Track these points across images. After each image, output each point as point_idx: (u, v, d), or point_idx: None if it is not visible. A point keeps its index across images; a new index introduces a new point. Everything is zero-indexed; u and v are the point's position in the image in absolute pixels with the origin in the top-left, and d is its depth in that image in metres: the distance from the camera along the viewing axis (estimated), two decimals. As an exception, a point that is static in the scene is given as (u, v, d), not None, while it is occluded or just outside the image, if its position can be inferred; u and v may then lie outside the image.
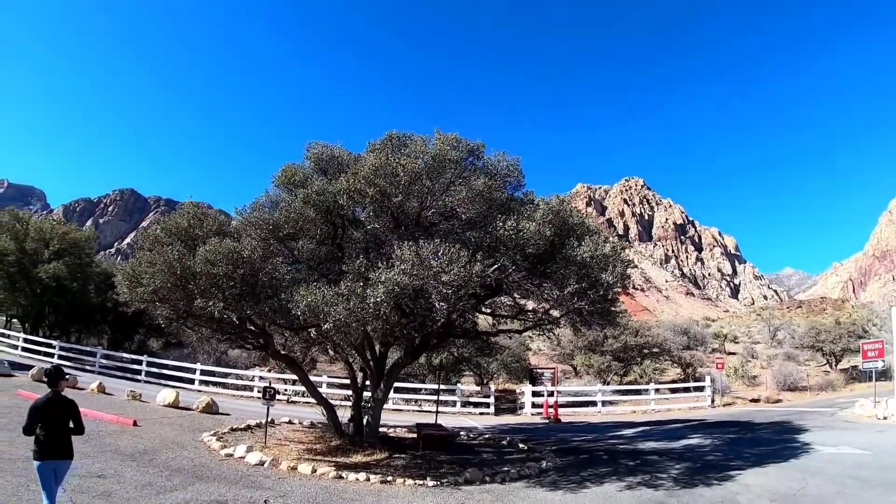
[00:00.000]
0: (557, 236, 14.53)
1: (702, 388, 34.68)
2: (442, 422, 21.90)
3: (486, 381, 38.47)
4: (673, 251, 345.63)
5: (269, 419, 19.63)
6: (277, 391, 19.32)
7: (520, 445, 19.64)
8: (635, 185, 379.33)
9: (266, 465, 14.35)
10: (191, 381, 32.38)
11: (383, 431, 19.27)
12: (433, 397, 30.71)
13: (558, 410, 29.49)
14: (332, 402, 24.11)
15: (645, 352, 41.89)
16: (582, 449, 19.71)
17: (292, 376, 30.59)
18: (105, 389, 24.85)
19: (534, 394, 32.08)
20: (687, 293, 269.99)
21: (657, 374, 40.07)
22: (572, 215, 15.79)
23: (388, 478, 13.70)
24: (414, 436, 20.30)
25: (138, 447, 15.24)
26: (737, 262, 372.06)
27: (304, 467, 14.17)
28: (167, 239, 14.82)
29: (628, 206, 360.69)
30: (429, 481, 13.64)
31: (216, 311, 13.59)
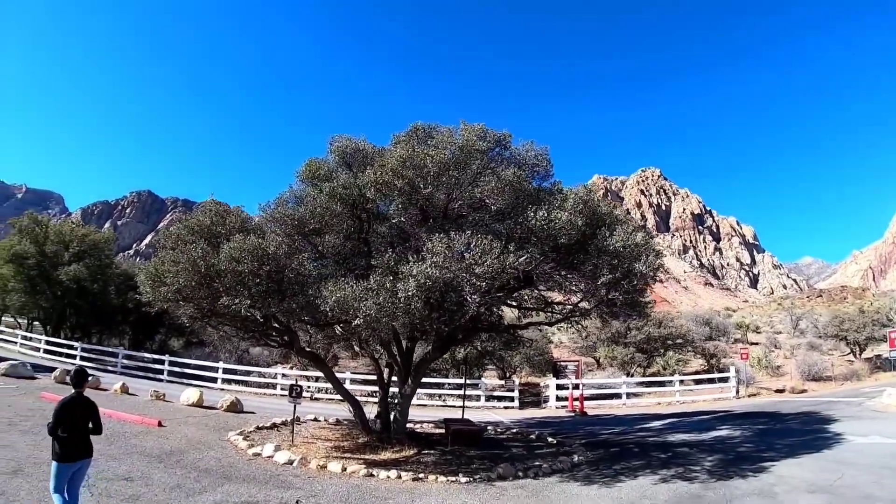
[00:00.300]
0: (588, 226, 14.20)
1: (726, 379, 34.10)
2: (467, 416, 21.69)
3: (510, 375, 38.13)
4: (691, 241, 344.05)
5: (298, 417, 19.51)
6: (304, 389, 19.07)
7: (549, 439, 19.35)
8: (652, 176, 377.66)
9: (295, 464, 14.14)
10: (213, 380, 32.24)
11: (410, 427, 19.00)
12: (457, 392, 30.54)
13: (584, 403, 29.14)
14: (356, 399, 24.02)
15: (669, 343, 41.43)
16: (612, 442, 19.44)
17: (315, 373, 30.51)
18: (128, 390, 24.77)
19: (558, 387, 31.76)
20: (706, 283, 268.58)
21: (680, 366, 39.53)
22: (600, 205, 15.49)
23: (419, 475, 13.50)
24: (441, 431, 20.12)
25: (164, 448, 15.06)
26: (755, 252, 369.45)
27: (333, 466, 13.98)
28: (190, 237, 14.62)
29: (645, 196, 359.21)
30: (461, 478, 13.45)
31: (242, 308, 13.40)
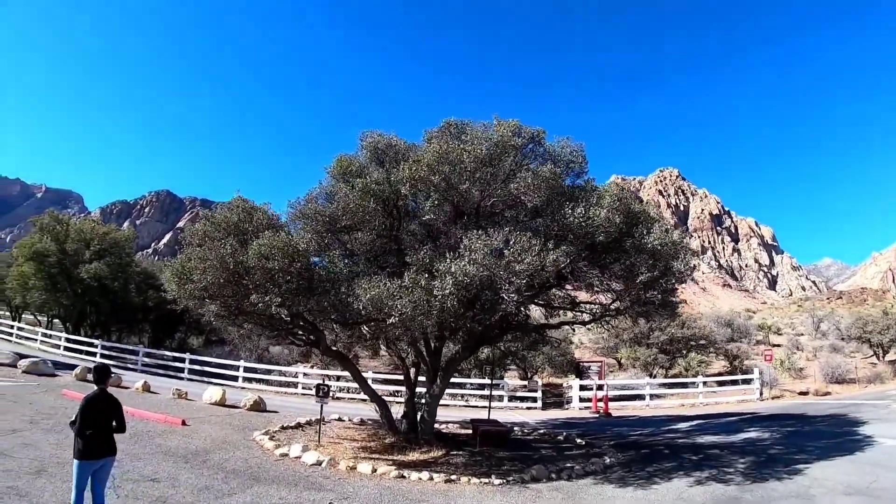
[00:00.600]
0: (625, 224, 13.91)
1: (749, 381, 33.75)
2: (491, 416, 21.43)
3: (531, 376, 37.86)
4: (709, 242, 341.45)
5: (321, 416, 19.31)
6: (330, 388, 18.84)
7: (577, 441, 19.08)
8: (670, 176, 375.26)
9: (324, 465, 13.89)
10: (233, 379, 32.14)
11: (436, 428, 18.76)
12: (479, 392, 30.35)
13: (608, 404, 28.82)
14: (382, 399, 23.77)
15: (692, 344, 41.05)
16: (641, 444, 19.16)
17: (336, 372, 30.35)
18: (150, 388, 24.68)
19: (581, 387, 31.44)
20: (724, 285, 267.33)
21: (702, 367, 39.19)
22: (634, 202, 15.20)
23: (451, 476, 13.25)
24: (467, 432, 19.91)
25: (190, 448, 14.87)
26: (774, 253, 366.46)
27: (363, 467, 13.74)
28: (217, 234, 14.40)
29: (663, 197, 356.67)
30: (494, 479, 13.18)
31: (273, 306, 13.17)
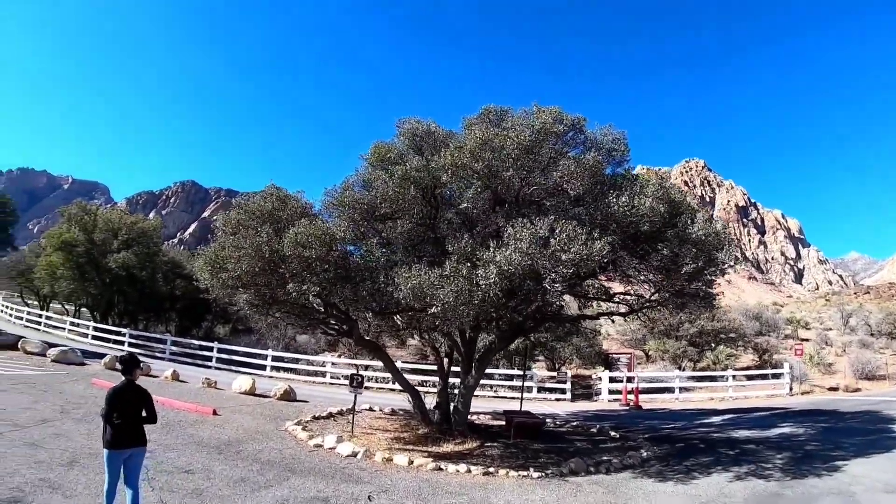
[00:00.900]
0: (669, 213, 13.59)
1: (778, 376, 33.23)
2: (518, 408, 21.29)
3: (559, 367, 37.57)
4: (735, 234, 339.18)
5: (352, 406, 19.19)
6: (364, 379, 18.68)
7: (611, 433, 18.83)
8: (696, 167, 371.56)
9: (359, 456, 13.72)
10: (261, 368, 32.16)
11: (468, 419, 18.58)
12: (507, 382, 30.20)
13: (639, 397, 28.52)
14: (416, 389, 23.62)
15: (721, 337, 40.58)
16: (675, 437, 18.86)
17: (365, 362, 30.25)
18: (179, 377, 24.73)
19: (611, 379, 31.19)
20: (749, 278, 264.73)
21: (731, 361, 38.76)
22: (675, 192, 14.88)
23: (488, 469, 13.05)
24: (499, 423, 19.74)
25: (222, 438, 14.76)
26: (800, 246, 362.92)
27: (399, 459, 13.55)
28: (251, 222, 14.20)
29: (689, 188, 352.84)
30: (532, 472, 12.97)
31: (310, 295, 13.01)
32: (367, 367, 29.98)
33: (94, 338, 38.93)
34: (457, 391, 17.90)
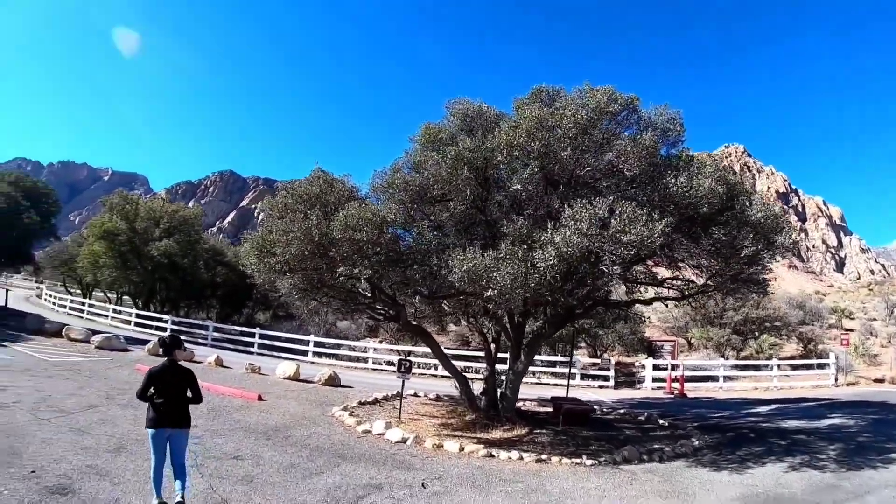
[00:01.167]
0: (727, 195, 13.21)
1: (824, 366, 32.62)
2: (562, 394, 21.05)
3: (601, 353, 37.26)
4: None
5: (397, 392, 19.06)
6: (412, 364, 18.55)
7: (660, 421, 18.54)
8: (735, 152, 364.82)
9: (409, 442, 13.58)
10: (303, 353, 32.25)
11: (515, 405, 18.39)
12: (551, 369, 30.05)
13: (683, 385, 28.13)
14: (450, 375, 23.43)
15: (766, 325, 39.92)
16: (724, 426, 18.48)
17: (407, 347, 30.24)
18: (223, 363, 24.86)
19: (654, 367, 30.78)
20: (789, 266, 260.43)
21: (774, 350, 38.11)
22: (730, 174, 14.50)
23: (541, 456, 12.83)
24: (545, 409, 19.51)
25: (269, 423, 14.72)
26: (842, 234, 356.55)
27: (450, 445, 13.38)
28: (298, 206, 14.05)
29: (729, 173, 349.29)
30: (585, 460, 12.74)
31: (361, 278, 12.86)
32: (409, 353, 29.92)
33: (137, 325, 39.60)
34: (503, 377, 17.72)
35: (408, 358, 17.49)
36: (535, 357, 20.14)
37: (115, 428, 12.49)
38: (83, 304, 46.73)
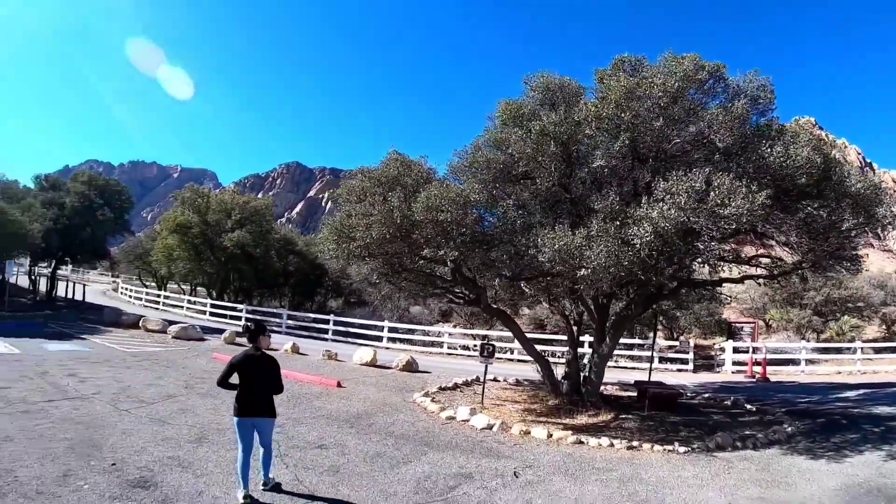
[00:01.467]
0: (823, 165, 12.47)
1: (909, 350, 31.14)
2: (640, 378, 20.82)
3: (677, 336, 36.45)
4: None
5: (476, 377, 18.85)
6: (495, 348, 18.26)
7: (747, 406, 17.81)
8: (806, 125, 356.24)
9: (495, 429, 13.31)
10: (377, 339, 32.17)
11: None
12: (627, 352, 29.47)
13: (766, 369, 27.26)
14: (526, 359, 23.07)
15: (848, 306, 38.47)
16: (814, 412, 17.67)
17: (482, 332, 30.09)
18: (299, 350, 24.99)
19: (734, 350, 29.84)
20: (865, 244, 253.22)
21: (856, 332, 36.61)
22: (822, 144, 13.78)
23: (632, 443, 12.41)
24: (627, 394, 19.14)
25: (350, 411, 14.62)
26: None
27: (537, 431, 13.05)
28: (377, 189, 13.85)
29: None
30: (678, 447, 12.26)
31: (447, 259, 12.59)
32: (484, 337, 29.68)
33: (212, 314, 40.41)
34: (586, 361, 17.30)
35: (490, 342, 17.16)
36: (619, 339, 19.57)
37: (196, 418, 12.56)
38: (158, 296, 47.89)
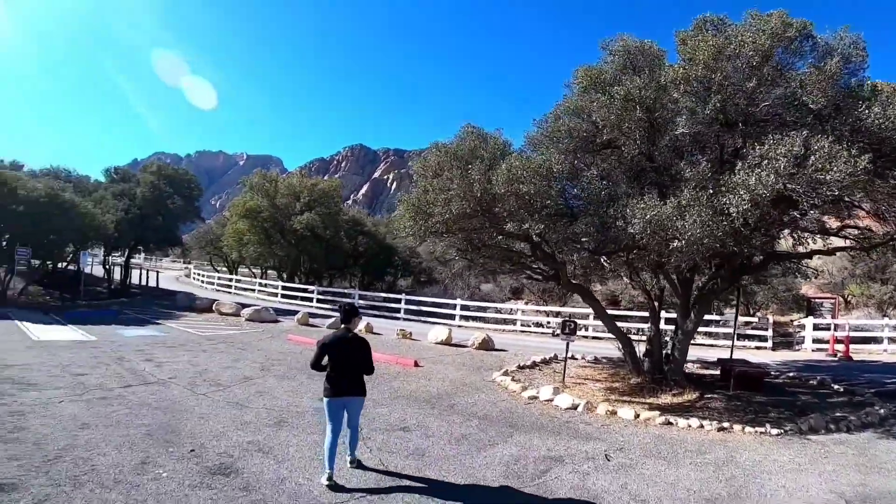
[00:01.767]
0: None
1: None
2: (715, 355, 20.49)
3: (753, 312, 35.45)
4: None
5: (554, 355, 18.57)
6: (577, 325, 17.94)
7: (833, 387, 17.07)
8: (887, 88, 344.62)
9: (580, 409, 13.01)
10: (449, 318, 32.16)
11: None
12: (704, 328, 28.54)
13: (849, 347, 26.27)
14: (602, 336, 22.65)
15: (933, 281, 36.93)
16: (904, 393, 16.88)
17: (555, 308, 29.77)
18: (372, 329, 25.09)
19: (814, 327, 28.83)
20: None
21: (939, 309, 35.11)
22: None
23: (722, 424, 11.96)
24: (710, 372, 18.57)
25: (430, 391, 14.52)
26: None
27: (624, 412, 12.71)
28: (454, 163, 13.56)
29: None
30: (770, 429, 11.75)
31: (533, 234, 12.30)
32: (557, 314, 29.36)
33: (283, 296, 41.24)
34: (668, 338, 16.88)
35: (572, 319, 16.83)
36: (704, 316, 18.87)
37: (274, 401, 12.54)
38: (230, 279, 48.92)
